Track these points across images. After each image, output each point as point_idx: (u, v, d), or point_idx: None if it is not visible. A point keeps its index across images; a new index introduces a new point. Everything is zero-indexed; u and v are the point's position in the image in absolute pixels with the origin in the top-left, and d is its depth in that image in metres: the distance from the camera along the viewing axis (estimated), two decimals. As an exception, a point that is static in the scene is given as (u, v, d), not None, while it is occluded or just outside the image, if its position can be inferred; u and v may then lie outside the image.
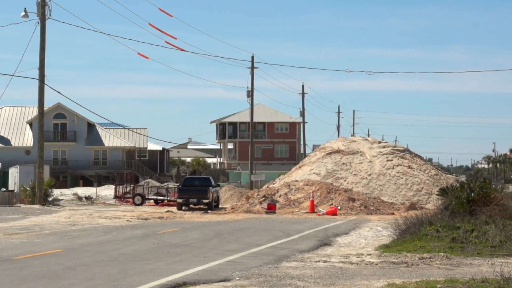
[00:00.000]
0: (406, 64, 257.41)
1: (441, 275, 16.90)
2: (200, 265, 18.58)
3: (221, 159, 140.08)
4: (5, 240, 25.10)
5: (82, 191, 71.65)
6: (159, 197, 59.05)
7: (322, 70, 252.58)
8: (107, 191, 70.14)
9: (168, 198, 58.07)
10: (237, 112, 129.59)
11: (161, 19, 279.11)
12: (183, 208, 50.84)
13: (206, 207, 50.54)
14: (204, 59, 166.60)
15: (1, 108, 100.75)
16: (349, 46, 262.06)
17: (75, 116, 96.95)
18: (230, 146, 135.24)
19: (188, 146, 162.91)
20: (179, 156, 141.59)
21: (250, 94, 79.59)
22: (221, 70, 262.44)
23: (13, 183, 64.95)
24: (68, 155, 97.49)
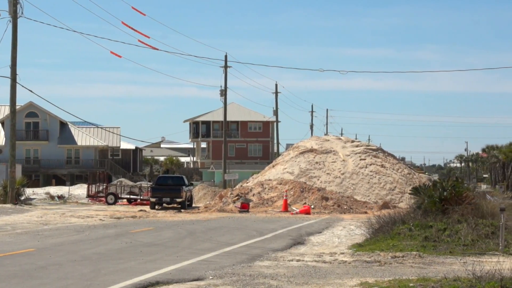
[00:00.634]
0: (380, 63, 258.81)
1: (413, 274, 16.96)
2: (173, 264, 18.54)
3: (195, 158, 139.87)
4: (-23, 239, 24.92)
5: (55, 190, 71.16)
6: (132, 196, 58.86)
7: (295, 69, 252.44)
8: (80, 190, 69.81)
9: (141, 197, 57.93)
10: (211, 111, 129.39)
11: (134, 17, 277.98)
12: (156, 207, 50.73)
13: (179, 206, 50.47)
14: (177, 58, 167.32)
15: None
16: (322, 45, 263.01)
17: (47, 115, 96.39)
18: (204, 145, 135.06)
19: (161, 145, 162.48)
20: (152, 155, 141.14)
21: (224, 93, 79.54)
22: (195, 69, 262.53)
23: (-15, 182, 64.39)
24: (40, 154, 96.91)
